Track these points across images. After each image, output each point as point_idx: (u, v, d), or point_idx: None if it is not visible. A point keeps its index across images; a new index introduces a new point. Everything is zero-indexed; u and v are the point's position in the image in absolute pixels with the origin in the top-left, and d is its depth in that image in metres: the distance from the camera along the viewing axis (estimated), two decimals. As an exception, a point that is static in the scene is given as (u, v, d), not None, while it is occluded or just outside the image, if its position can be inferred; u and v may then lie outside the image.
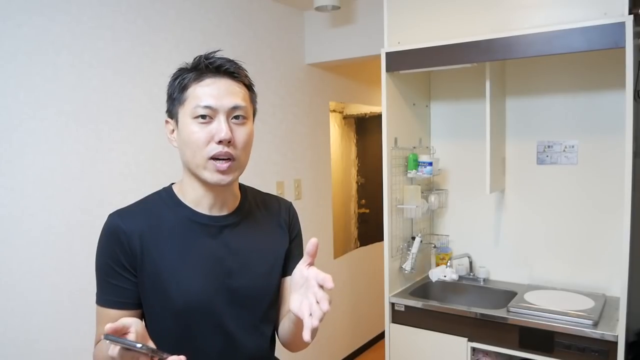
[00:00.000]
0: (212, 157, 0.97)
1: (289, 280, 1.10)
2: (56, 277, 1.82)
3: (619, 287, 1.88)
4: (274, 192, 2.79)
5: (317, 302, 0.81)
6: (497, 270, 2.55)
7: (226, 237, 1.05)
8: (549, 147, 2.38)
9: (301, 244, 1.19)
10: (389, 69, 2.33)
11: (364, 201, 3.81)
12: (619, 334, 1.82)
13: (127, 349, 0.78)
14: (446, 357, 2.21)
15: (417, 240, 2.47)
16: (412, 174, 2.48)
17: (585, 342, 1.88)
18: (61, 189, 1.83)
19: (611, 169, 2.21)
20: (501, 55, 2.04)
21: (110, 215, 1.03)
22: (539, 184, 2.42)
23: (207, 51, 1.03)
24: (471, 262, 2.58)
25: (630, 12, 1.77)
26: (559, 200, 2.37)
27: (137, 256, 0.99)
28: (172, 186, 1.10)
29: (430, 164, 2.47)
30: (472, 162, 2.58)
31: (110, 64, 1.99)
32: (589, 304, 2.07)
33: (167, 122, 1.06)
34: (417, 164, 2.48)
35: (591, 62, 2.24)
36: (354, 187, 3.72)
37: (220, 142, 0.96)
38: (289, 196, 2.95)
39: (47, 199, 1.79)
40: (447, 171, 2.69)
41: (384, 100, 2.35)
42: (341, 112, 3.54)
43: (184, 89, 1.00)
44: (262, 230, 1.12)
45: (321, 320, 0.81)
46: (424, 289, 2.53)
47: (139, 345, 0.78)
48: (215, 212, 1.06)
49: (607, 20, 1.80)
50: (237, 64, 1.03)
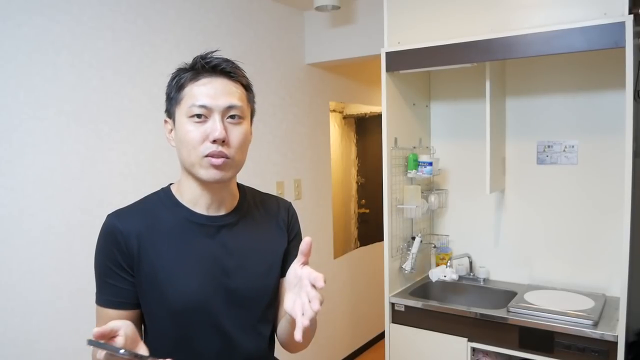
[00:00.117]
0: (207, 156, 0.97)
1: None
2: (56, 277, 1.82)
3: (619, 287, 1.89)
4: (274, 192, 2.79)
5: (309, 301, 0.81)
6: (497, 270, 2.56)
7: (224, 237, 1.05)
8: (549, 147, 2.38)
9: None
10: (389, 69, 2.33)
11: (364, 201, 3.81)
12: (619, 334, 1.82)
13: (112, 353, 0.77)
14: (446, 357, 2.21)
15: (417, 240, 2.47)
16: (412, 174, 2.48)
17: (585, 342, 1.88)
18: (61, 189, 1.83)
19: (611, 169, 2.21)
20: (501, 55, 2.04)
21: (108, 215, 1.03)
22: (539, 184, 2.42)
23: (207, 51, 1.03)
24: (471, 262, 2.58)
25: (630, 12, 1.77)
26: (559, 200, 2.37)
27: (134, 256, 0.99)
28: (171, 186, 1.10)
29: (430, 164, 2.47)
30: (472, 162, 2.58)
31: (110, 64, 1.99)
32: (589, 304, 2.07)
33: (165, 121, 1.06)
34: (417, 164, 2.48)
35: (591, 62, 2.24)
36: (354, 187, 3.72)
37: (214, 141, 0.96)
38: (288, 196, 2.95)
39: (47, 199, 1.79)
40: (447, 171, 2.69)
41: (384, 100, 2.35)
42: (341, 112, 3.54)
43: (180, 88, 1.00)
44: (260, 230, 1.11)
45: (312, 319, 0.81)
46: (424, 289, 2.53)
47: (122, 350, 0.77)
48: (212, 212, 1.06)
49: (607, 20, 1.80)
50: (234, 64, 1.03)
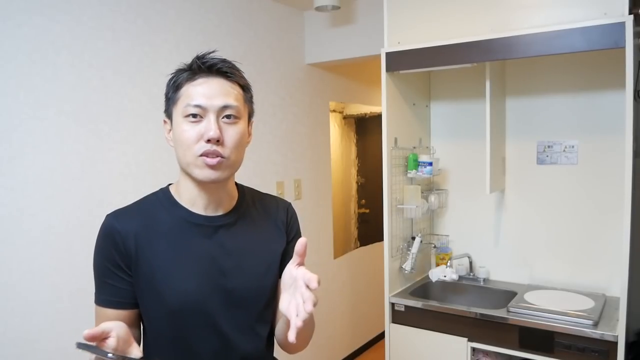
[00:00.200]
0: (202, 155, 0.97)
1: None
2: (56, 277, 1.82)
3: (619, 287, 1.89)
4: (274, 192, 2.79)
5: (303, 302, 0.81)
6: (497, 270, 2.55)
7: (221, 237, 1.05)
8: (549, 147, 2.38)
9: None
10: (389, 69, 2.33)
11: (364, 201, 3.81)
12: (619, 334, 1.82)
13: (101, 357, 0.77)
14: (446, 357, 2.21)
15: (417, 240, 2.47)
16: (412, 174, 2.48)
17: (585, 342, 1.88)
18: (61, 189, 1.83)
19: (611, 169, 2.21)
20: (501, 55, 2.04)
21: (107, 215, 1.04)
22: (539, 184, 2.42)
23: (206, 51, 1.03)
24: (471, 262, 2.58)
25: (630, 12, 1.77)
26: (559, 200, 2.37)
27: (132, 256, 1.00)
28: (169, 187, 1.10)
29: (430, 164, 2.47)
30: (472, 162, 2.58)
31: (110, 64, 1.99)
32: (589, 304, 2.07)
33: (164, 122, 1.06)
34: (417, 164, 2.48)
35: (591, 62, 2.24)
36: (354, 187, 3.72)
37: (209, 140, 0.96)
38: (288, 196, 2.95)
39: (47, 199, 1.79)
40: (447, 171, 2.69)
41: (384, 100, 2.35)
42: (341, 112, 3.54)
43: (177, 88, 1.01)
44: (258, 230, 1.11)
45: (306, 320, 0.80)
46: (424, 289, 2.52)
47: (110, 354, 0.77)
48: (210, 212, 1.06)
49: (607, 20, 1.80)
50: (231, 64, 1.03)
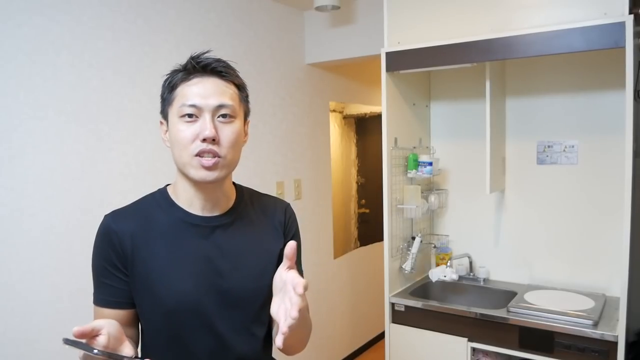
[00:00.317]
0: (198, 155, 0.97)
1: None
2: (56, 277, 1.82)
3: (619, 287, 1.88)
4: (274, 192, 2.79)
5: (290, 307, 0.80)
6: (497, 270, 2.55)
7: (218, 238, 1.05)
8: (549, 147, 2.38)
9: (298, 246, 1.18)
10: (389, 69, 2.33)
11: (364, 201, 3.81)
12: (619, 334, 1.82)
13: (88, 353, 0.78)
14: (446, 357, 2.21)
15: (417, 240, 2.47)
16: (412, 174, 2.48)
17: (585, 342, 1.88)
18: (61, 189, 1.83)
19: (611, 169, 2.21)
20: (501, 55, 2.04)
21: (104, 216, 1.04)
22: (539, 184, 2.42)
23: (200, 51, 1.03)
24: (471, 262, 2.58)
25: (630, 12, 1.77)
26: (559, 200, 2.37)
27: (128, 256, 1.00)
28: (167, 187, 1.10)
29: (430, 164, 2.47)
30: (472, 162, 2.58)
31: (110, 64, 1.99)
32: (589, 304, 2.07)
33: (161, 123, 1.06)
34: (417, 164, 2.48)
35: (591, 62, 2.24)
36: (354, 187, 3.72)
37: (204, 140, 0.96)
38: (288, 196, 2.95)
39: (47, 199, 1.79)
40: (447, 171, 2.69)
41: (384, 100, 2.35)
42: (341, 112, 3.54)
43: (172, 88, 1.01)
44: (255, 231, 1.11)
45: (292, 326, 0.79)
46: (424, 289, 2.53)
47: (95, 350, 0.77)
48: (207, 213, 1.06)
49: (607, 20, 1.80)
50: (226, 63, 1.03)
